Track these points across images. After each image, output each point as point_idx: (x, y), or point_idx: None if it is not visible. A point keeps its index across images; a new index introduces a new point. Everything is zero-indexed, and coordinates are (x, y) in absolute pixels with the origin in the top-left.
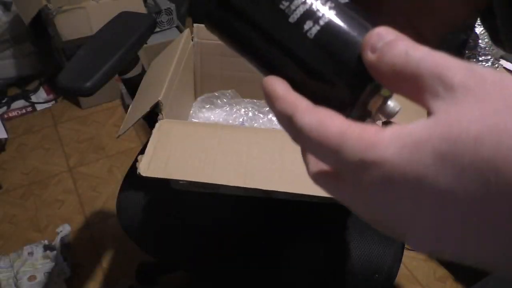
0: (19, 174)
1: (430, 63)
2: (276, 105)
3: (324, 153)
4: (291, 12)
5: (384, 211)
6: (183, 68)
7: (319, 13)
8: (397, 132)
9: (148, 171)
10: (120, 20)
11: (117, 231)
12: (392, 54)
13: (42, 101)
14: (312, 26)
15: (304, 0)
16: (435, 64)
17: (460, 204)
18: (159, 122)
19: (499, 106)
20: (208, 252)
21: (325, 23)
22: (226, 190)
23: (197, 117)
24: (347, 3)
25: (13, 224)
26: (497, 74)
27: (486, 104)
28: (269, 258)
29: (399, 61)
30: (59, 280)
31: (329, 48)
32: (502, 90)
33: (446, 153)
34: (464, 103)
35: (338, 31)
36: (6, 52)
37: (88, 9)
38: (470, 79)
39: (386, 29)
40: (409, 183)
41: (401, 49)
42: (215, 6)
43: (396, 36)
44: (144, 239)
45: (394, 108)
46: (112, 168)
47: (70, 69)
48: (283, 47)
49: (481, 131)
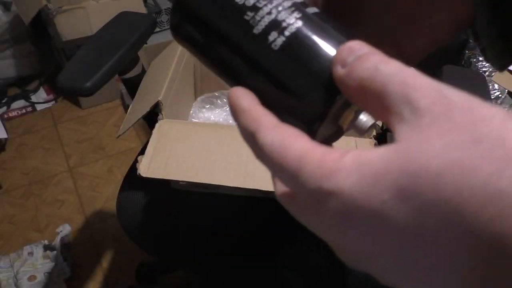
0: (19, 174)
1: (398, 81)
2: (240, 119)
3: (283, 176)
4: (255, 23)
5: (344, 243)
6: (183, 68)
7: (284, 23)
8: (357, 160)
9: (148, 171)
10: (120, 20)
11: (117, 231)
12: (361, 68)
13: (42, 101)
14: (277, 37)
15: (270, 10)
16: (403, 82)
17: (420, 243)
18: (159, 122)
19: (465, 138)
20: (208, 252)
21: (291, 34)
22: (226, 190)
23: (197, 117)
24: (317, 13)
25: (13, 224)
26: (467, 100)
27: (452, 135)
28: (268, 258)
29: (367, 75)
30: (59, 280)
31: (295, 60)
32: (470, 120)
33: (404, 189)
34: (428, 131)
35: (304, 42)
36: (6, 52)
37: (88, 9)
38: (438, 104)
39: (359, 43)
40: (367, 218)
41: (372, 63)
42: (179, 18)
43: (369, 50)
44: (144, 239)
45: (366, 122)
46: (112, 168)
47: (70, 69)
48: (248, 59)
49: (442, 167)
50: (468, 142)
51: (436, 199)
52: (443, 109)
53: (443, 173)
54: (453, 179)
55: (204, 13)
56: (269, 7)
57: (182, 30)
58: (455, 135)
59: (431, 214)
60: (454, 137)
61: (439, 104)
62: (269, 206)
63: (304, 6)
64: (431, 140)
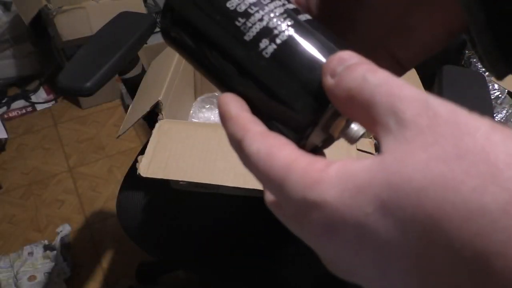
0: (19, 174)
1: (384, 91)
2: (228, 126)
3: (270, 185)
4: (247, 29)
5: (328, 254)
6: (183, 68)
7: (276, 31)
8: (342, 171)
9: (148, 171)
10: (120, 20)
11: (117, 231)
12: (349, 78)
13: (42, 101)
14: (268, 44)
15: (261, 17)
16: (389, 93)
17: (402, 257)
18: (159, 122)
19: (449, 152)
20: (207, 252)
21: (282, 41)
22: (226, 190)
23: (197, 117)
24: (309, 21)
25: (13, 224)
26: (453, 112)
27: (435, 149)
28: (268, 258)
29: (354, 85)
30: (59, 280)
31: (286, 68)
32: (455, 133)
33: (387, 202)
34: (412, 144)
35: (295, 51)
36: (6, 52)
37: (88, 9)
38: (423, 115)
39: (350, 53)
40: (349, 230)
41: (359, 73)
42: (169, 22)
43: (358, 60)
44: (144, 239)
45: (357, 132)
46: (112, 168)
47: (70, 69)
48: (239, 66)
49: (425, 181)
50: (451, 156)
51: (418, 214)
52: (428, 121)
53: (425, 187)
54: (436, 194)
55: (195, 18)
56: (261, 13)
57: (171, 34)
58: (439, 149)
59: (413, 229)
60: (437, 150)
61: (424, 116)
62: None
63: (297, 13)
64: (415, 153)
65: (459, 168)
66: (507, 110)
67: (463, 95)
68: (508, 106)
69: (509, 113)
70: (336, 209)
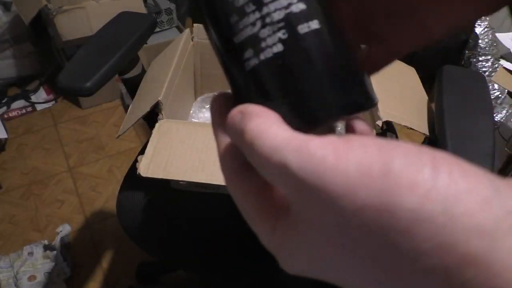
0: (19, 174)
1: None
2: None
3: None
4: (237, 32)
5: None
6: (183, 68)
7: (263, 43)
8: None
9: (148, 171)
10: (120, 20)
11: (117, 231)
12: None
13: (42, 101)
14: (252, 56)
15: (254, 21)
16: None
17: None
18: (159, 122)
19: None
20: (207, 252)
21: (265, 59)
22: (226, 190)
23: (197, 117)
24: (311, 33)
25: (13, 224)
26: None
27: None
28: (268, 258)
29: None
30: (59, 280)
31: (260, 90)
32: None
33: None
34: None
35: (276, 75)
36: (6, 52)
37: (88, 9)
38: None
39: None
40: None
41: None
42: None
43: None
44: (144, 239)
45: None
46: (112, 168)
47: (70, 69)
48: (224, 61)
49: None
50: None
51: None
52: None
53: None
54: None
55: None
56: (256, 16)
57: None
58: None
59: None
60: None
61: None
62: None
63: (299, 21)
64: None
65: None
66: (507, 110)
67: (463, 95)
68: (508, 106)
69: (509, 113)
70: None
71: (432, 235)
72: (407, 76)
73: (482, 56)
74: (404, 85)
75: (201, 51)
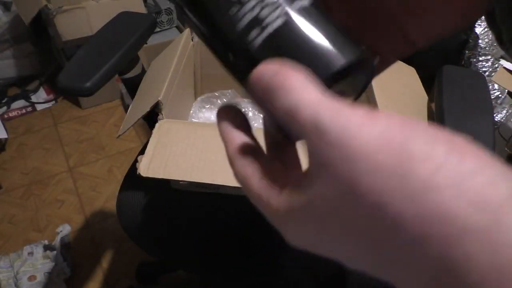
0: (19, 174)
1: (307, 108)
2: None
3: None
4: (239, 18)
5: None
6: (183, 68)
7: (264, 22)
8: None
9: (148, 171)
10: (120, 20)
11: (117, 231)
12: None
13: (42, 101)
14: (257, 35)
15: (252, 7)
16: (311, 113)
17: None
18: (159, 122)
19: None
20: (207, 252)
21: (269, 34)
22: (226, 190)
23: (197, 117)
24: (305, 8)
25: (13, 224)
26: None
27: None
28: (268, 258)
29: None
30: (59, 280)
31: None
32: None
33: None
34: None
35: (284, 44)
36: (6, 52)
37: (88, 9)
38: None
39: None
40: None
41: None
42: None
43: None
44: (144, 239)
45: None
46: (112, 168)
47: (70, 69)
48: (229, 53)
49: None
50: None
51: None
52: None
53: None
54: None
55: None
56: (253, 2)
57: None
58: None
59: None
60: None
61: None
62: None
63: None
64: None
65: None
66: (507, 110)
67: (463, 95)
68: (508, 106)
69: (509, 113)
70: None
71: (437, 205)
72: (407, 76)
73: (482, 56)
74: (404, 85)
75: (201, 51)
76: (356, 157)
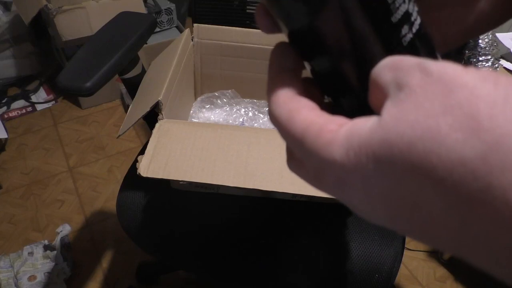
0: (19, 174)
1: (389, 67)
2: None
3: (292, 145)
4: (394, 9)
5: (348, 202)
6: (183, 68)
7: (412, 18)
8: (349, 132)
9: (148, 171)
10: (120, 20)
11: (117, 231)
12: None
13: (42, 101)
14: (407, 32)
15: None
16: (393, 67)
17: (401, 205)
18: (159, 122)
19: (436, 107)
20: (207, 252)
21: (416, 31)
22: (226, 190)
23: (197, 117)
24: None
25: (13, 224)
26: (443, 69)
27: (425, 105)
28: (268, 258)
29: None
30: (59, 280)
31: None
32: (443, 90)
33: (383, 159)
34: (406, 104)
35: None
36: (6, 52)
37: (88, 9)
38: (416, 77)
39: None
40: (357, 183)
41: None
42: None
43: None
44: (144, 239)
45: None
46: (112, 168)
47: (70, 69)
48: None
49: (414, 136)
50: (438, 112)
51: (409, 166)
52: (420, 81)
53: (414, 141)
54: (423, 147)
55: None
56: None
57: None
58: (428, 105)
59: (405, 179)
60: (426, 107)
61: (417, 77)
62: (269, 206)
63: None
64: (407, 111)
65: (444, 122)
66: (487, 71)
67: None
68: None
69: None
70: (343, 166)
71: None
72: None
73: (482, 56)
74: None
75: (201, 51)
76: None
